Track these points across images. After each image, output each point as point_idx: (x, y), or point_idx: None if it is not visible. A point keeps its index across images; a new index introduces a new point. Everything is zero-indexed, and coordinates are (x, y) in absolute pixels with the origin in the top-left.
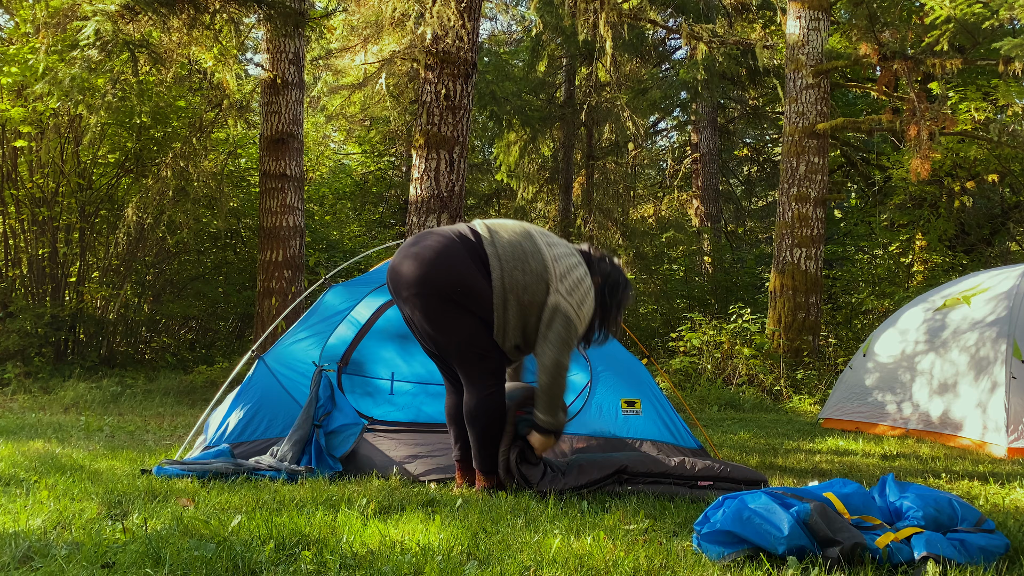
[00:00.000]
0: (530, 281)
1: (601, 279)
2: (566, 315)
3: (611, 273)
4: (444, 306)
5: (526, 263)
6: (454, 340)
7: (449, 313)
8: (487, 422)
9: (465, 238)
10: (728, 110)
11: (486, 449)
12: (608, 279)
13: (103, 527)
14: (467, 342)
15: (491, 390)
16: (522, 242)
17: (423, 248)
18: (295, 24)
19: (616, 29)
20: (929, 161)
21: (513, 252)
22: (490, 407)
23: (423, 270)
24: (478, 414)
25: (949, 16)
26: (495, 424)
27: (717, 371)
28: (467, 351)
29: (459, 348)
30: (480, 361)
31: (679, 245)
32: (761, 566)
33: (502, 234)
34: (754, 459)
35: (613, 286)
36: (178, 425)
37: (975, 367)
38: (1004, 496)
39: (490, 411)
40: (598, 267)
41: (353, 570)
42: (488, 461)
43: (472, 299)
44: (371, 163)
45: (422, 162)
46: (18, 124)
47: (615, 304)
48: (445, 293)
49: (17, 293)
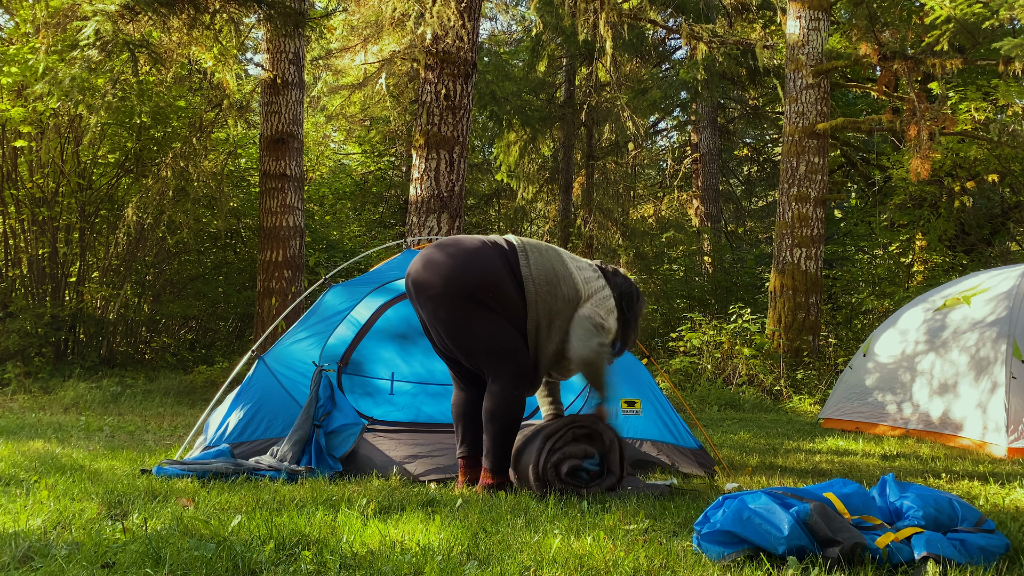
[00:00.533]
0: (562, 307)
1: (619, 293)
2: (592, 319)
3: (623, 285)
4: (472, 306)
5: (558, 288)
6: (482, 339)
7: (476, 312)
8: (508, 422)
9: (499, 247)
10: (728, 110)
11: (500, 448)
12: (623, 292)
13: (103, 527)
14: (495, 340)
15: (516, 391)
16: (555, 265)
17: (453, 250)
18: (295, 24)
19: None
20: (929, 161)
21: (547, 276)
22: (513, 408)
23: (453, 271)
24: (499, 414)
25: (949, 16)
26: (514, 425)
27: (717, 371)
28: (494, 349)
29: (487, 347)
30: (507, 361)
31: (679, 245)
32: (761, 566)
33: (535, 255)
34: (754, 459)
35: (628, 299)
36: (178, 425)
37: (975, 367)
38: (1004, 496)
39: (512, 412)
40: (612, 281)
41: (353, 570)
42: (500, 460)
43: (501, 302)
44: (371, 163)
45: (422, 162)
46: (18, 124)
47: (632, 316)
48: (473, 293)
49: (17, 293)
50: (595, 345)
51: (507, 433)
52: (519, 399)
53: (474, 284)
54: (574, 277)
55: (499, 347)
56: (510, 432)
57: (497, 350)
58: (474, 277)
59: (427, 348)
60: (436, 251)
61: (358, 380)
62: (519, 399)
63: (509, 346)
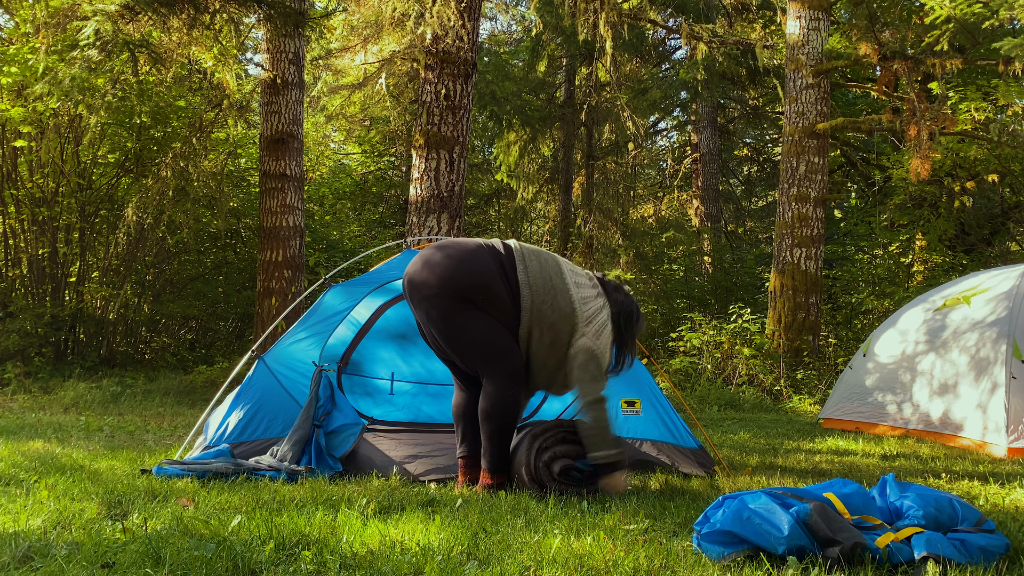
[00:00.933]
0: (556, 319)
1: (617, 310)
2: (594, 354)
3: (624, 303)
4: (464, 306)
5: (555, 300)
6: (475, 340)
7: (469, 313)
8: (503, 422)
9: (495, 250)
10: (728, 110)
11: (497, 448)
12: (623, 310)
13: (103, 527)
14: (487, 340)
15: (510, 391)
16: (552, 276)
17: (449, 252)
18: (295, 24)
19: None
20: (929, 161)
21: (544, 286)
22: (507, 407)
23: (446, 272)
24: (494, 413)
25: (949, 16)
26: (509, 425)
27: (717, 371)
28: (487, 350)
29: (479, 347)
30: (500, 361)
31: (679, 245)
32: (761, 566)
33: (533, 262)
34: (754, 459)
35: (627, 317)
36: (178, 425)
37: (975, 368)
38: (1004, 496)
39: (507, 411)
40: (612, 297)
41: (353, 570)
42: (497, 460)
43: (492, 304)
44: (371, 163)
45: (422, 162)
46: (18, 124)
47: (630, 336)
48: (465, 295)
49: (17, 293)
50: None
51: (503, 433)
52: (513, 398)
53: (465, 285)
54: (571, 294)
55: (492, 347)
56: (506, 431)
57: (490, 350)
58: (466, 279)
59: (427, 348)
60: (432, 252)
61: (358, 380)
62: (513, 398)
63: (501, 346)
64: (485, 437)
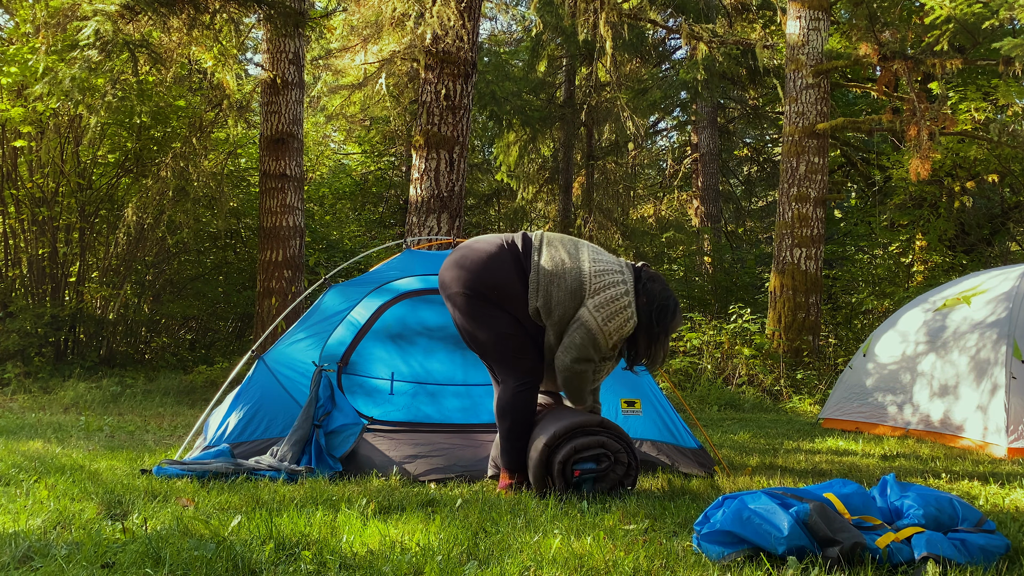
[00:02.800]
0: (563, 297)
1: (648, 300)
2: (587, 327)
3: (660, 295)
4: (482, 304)
5: (563, 279)
6: (490, 336)
7: (487, 311)
8: (516, 418)
9: (512, 245)
10: (728, 110)
11: (512, 445)
12: (656, 301)
13: (103, 527)
14: (503, 338)
15: (523, 387)
16: (566, 258)
17: (469, 253)
18: (295, 24)
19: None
20: (929, 161)
21: (553, 268)
22: (519, 403)
23: (465, 270)
24: (508, 410)
25: (949, 16)
26: (525, 422)
27: (717, 371)
28: (502, 346)
29: (494, 343)
30: (514, 358)
31: (679, 245)
32: (761, 566)
33: (550, 250)
34: (754, 459)
35: (661, 310)
36: (178, 425)
37: (975, 369)
38: (1004, 496)
39: (519, 408)
40: (646, 287)
41: (353, 570)
42: (514, 459)
43: (509, 299)
44: (371, 163)
45: (422, 162)
46: (18, 124)
47: (662, 331)
48: (481, 292)
49: (17, 293)
50: (568, 362)
51: (518, 430)
52: (526, 396)
53: (479, 283)
54: (582, 268)
55: (507, 345)
56: (521, 429)
57: (504, 347)
58: (480, 277)
59: (426, 348)
60: (457, 252)
61: (358, 380)
62: (526, 396)
63: (516, 344)
64: (500, 435)
